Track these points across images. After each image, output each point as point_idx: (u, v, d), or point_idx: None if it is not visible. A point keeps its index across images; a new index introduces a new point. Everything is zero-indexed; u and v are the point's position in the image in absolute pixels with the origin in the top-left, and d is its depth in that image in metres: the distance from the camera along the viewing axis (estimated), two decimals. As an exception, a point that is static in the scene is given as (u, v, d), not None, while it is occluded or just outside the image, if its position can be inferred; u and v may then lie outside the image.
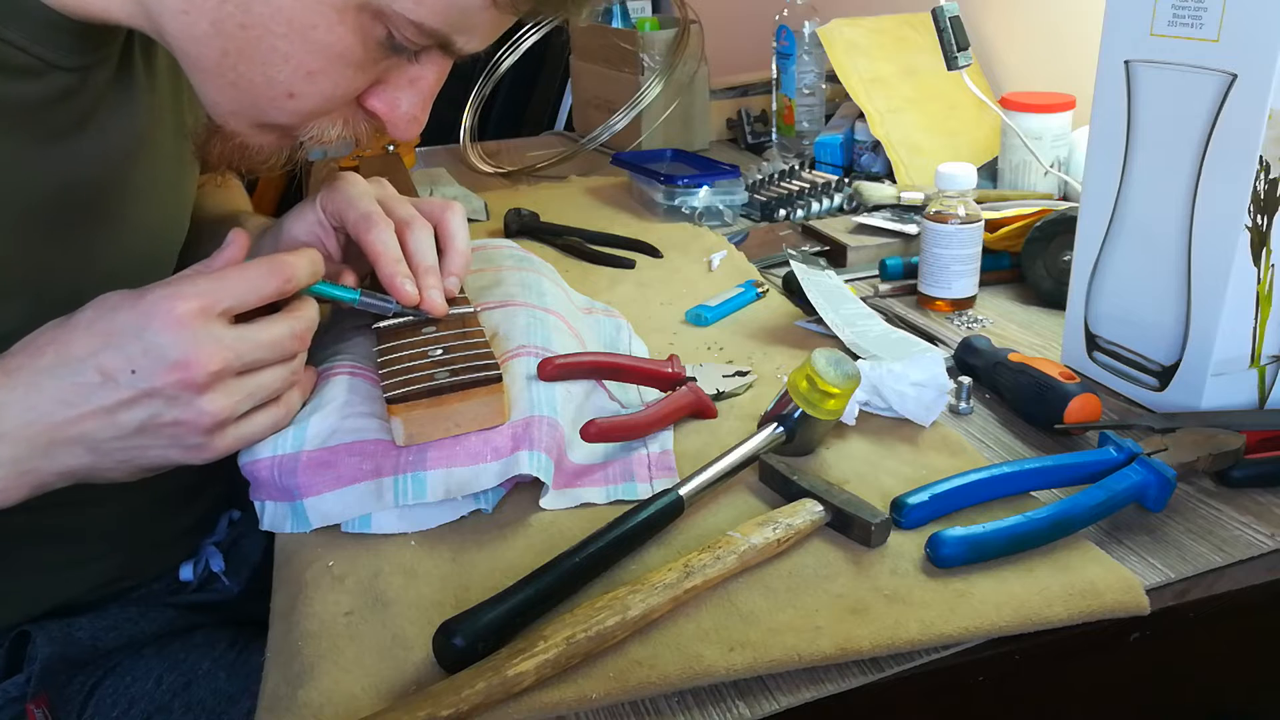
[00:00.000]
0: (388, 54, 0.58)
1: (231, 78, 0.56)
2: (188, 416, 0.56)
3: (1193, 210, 0.69)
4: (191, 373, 0.54)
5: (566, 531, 0.61)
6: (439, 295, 0.69)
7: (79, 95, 0.63)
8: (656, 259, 1.09)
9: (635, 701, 0.50)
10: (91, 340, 0.55)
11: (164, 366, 0.54)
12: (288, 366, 0.60)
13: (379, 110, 0.61)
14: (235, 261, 0.60)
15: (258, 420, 0.60)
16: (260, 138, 0.61)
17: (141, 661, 0.76)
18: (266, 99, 0.57)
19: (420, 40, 0.56)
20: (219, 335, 0.55)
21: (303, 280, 0.60)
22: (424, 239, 0.70)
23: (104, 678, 0.75)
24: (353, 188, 0.70)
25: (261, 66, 0.56)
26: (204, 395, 0.55)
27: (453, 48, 0.58)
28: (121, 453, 0.56)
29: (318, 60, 0.55)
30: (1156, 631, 0.56)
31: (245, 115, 0.59)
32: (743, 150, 1.62)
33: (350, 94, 0.59)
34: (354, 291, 0.67)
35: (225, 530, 0.89)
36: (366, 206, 0.69)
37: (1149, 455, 0.62)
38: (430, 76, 0.60)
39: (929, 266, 0.94)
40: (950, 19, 1.10)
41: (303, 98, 0.57)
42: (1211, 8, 0.65)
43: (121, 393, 0.54)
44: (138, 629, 0.78)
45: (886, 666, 0.52)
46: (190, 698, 0.75)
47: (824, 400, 0.65)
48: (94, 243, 0.68)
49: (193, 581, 0.85)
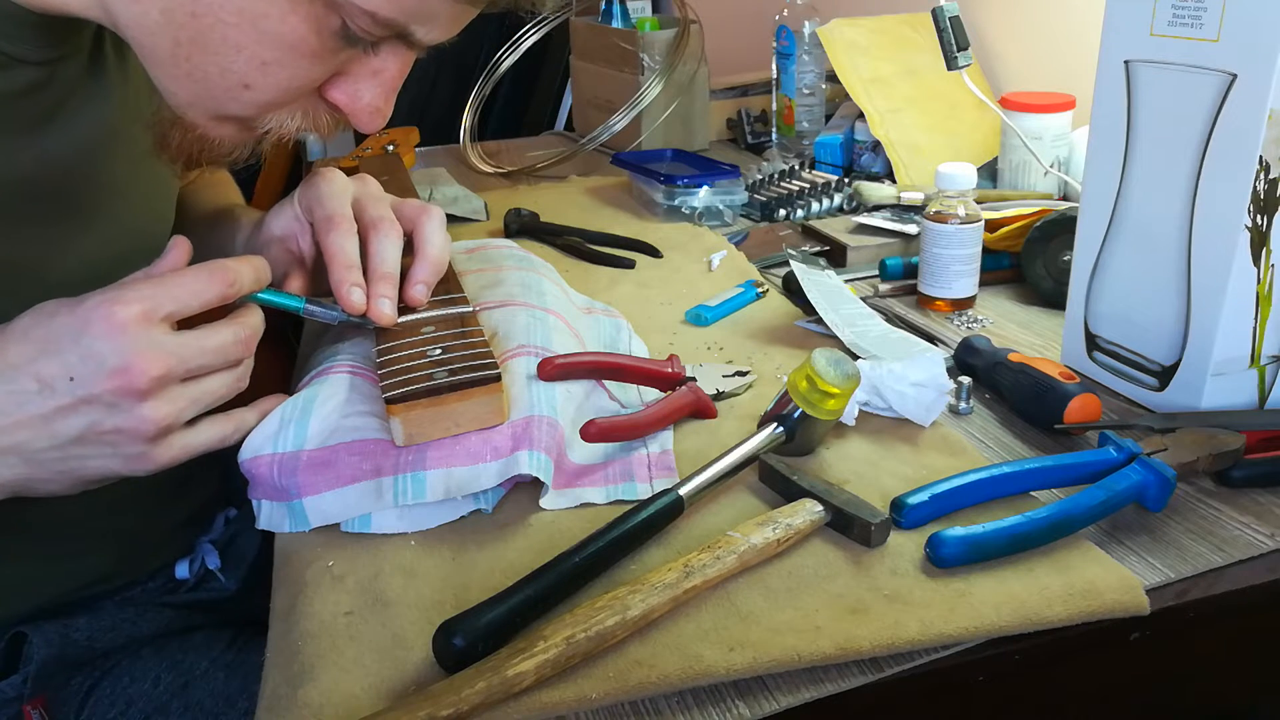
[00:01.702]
0: (344, 45, 0.56)
1: (186, 68, 0.55)
2: (129, 424, 0.54)
3: (1193, 210, 0.69)
4: (132, 379, 0.53)
5: (566, 531, 0.61)
6: (389, 305, 0.67)
7: (46, 89, 0.63)
8: (656, 259, 1.09)
9: (635, 701, 0.50)
10: (27, 347, 0.54)
11: (103, 373, 0.53)
12: (233, 373, 0.59)
13: (340, 102, 0.60)
14: (178, 267, 0.59)
15: (204, 430, 0.58)
16: (219, 129, 0.60)
17: (139, 662, 0.75)
18: (222, 90, 0.56)
19: (376, 30, 0.55)
20: (160, 341, 0.54)
21: (246, 286, 0.59)
22: (388, 244, 0.69)
23: (101, 679, 0.74)
24: (328, 185, 0.69)
25: (215, 57, 0.55)
26: (146, 402, 0.54)
27: (412, 39, 0.57)
28: (59, 463, 0.55)
29: (271, 51, 0.54)
30: (1156, 631, 0.56)
31: (202, 107, 0.58)
32: (743, 150, 1.62)
33: (308, 85, 0.58)
34: (300, 299, 0.65)
35: (221, 528, 0.89)
36: (333, 207, 0.68)
37: (1149, 455, 0.62)
38: (392, 68, 0.59)
39: (929, 266, 0.94)
40: (950, 19, 1.10)
41: (259, 89, 0.56)
42: (1211, 8, 0.65)
43: (59, 400, 0.53)
44: (135, 629, 0.78)
45: (886, 666, 0.52)
46: (189, 698, 0.75)
47: (824, 400, 0.65)
48: (65, 236, 0.67)
49: (189, 579, 0.85)
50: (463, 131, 1.58)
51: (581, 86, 1.70)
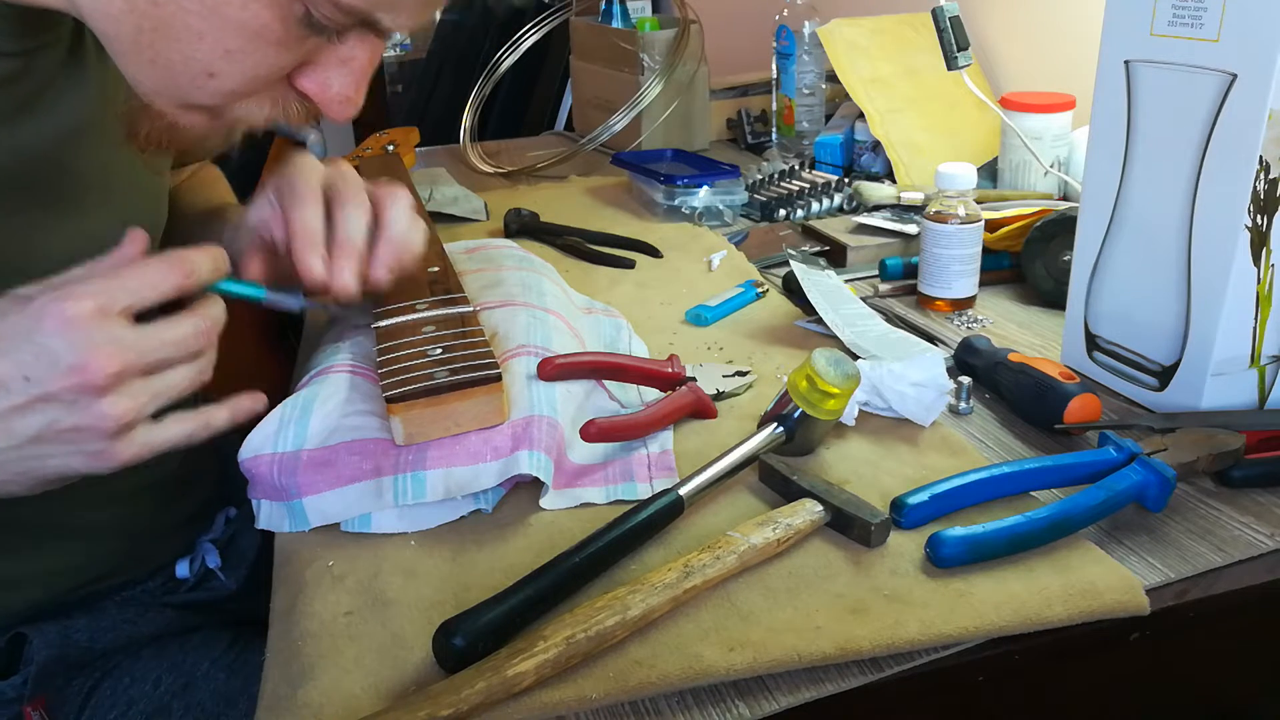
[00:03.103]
0: (309, 33, 0.55)
1: (150, 55, 0.55)
2: (87, 421, 0.53)
3: (1193, 210, 0.69)
4: (89, 375, 0.51)
5: (566, 531, 0.61)
6: (350, 276, 0.66)
7: (24, 79, 0.62)
8: (656, 259, 1.09)
9: (635, 701, 0.50)
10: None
11: (59, 371, 0.51)
12: (194, 365, 0.57)
13: (310, 91, 0.59)
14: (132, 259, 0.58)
15: (169, 427, 0.56)
16: (187, 118, 0.59)
17: (140, 663, 0.75)
18: (186, 78, 0.55)
19: (340, 18, 0.54)
20: (117, 335, 0.52)
21: (204, 275, 0.57)
22: (353, 218, 0.68)
23: (102, 680, 0.74)
24: (296, 167, 0.69)
25: (177, 44, 0.54)
26: (104, 398, 0.52)
27: (379, 26, 0.56)
28: (17, 463, 0.54)
29: (235, 38, 0.54)
30: (1156, 631, 0.56)
31: (168, 95, 0.57)
32: (743, 150, 1.62)
33: (275, 74, 0.57)
34: (260, 288, 0.64)
35: (222, 527, 0.89)
36: (300, 186, 0.68)
37: (1149, 455, 0.62)
38: (361, 57, 0.58)
39: (929, 266, 0.94)
40: (950, 19, 1.10)
41: (223, 77, 0.55)
42: (1211, 8, 0.65)
43: (14, 399, 0.52)
44: (136, 630, 0.77)
45: (886, 666, 0.52)
46: (189, 699, 0.75)
47: (824, 400, 0.65)
48: (43, 228, 0.67)
49: (189, 579, 0.85)
50: (463, 131, 1.58)
51: (581, 86, 1.70)
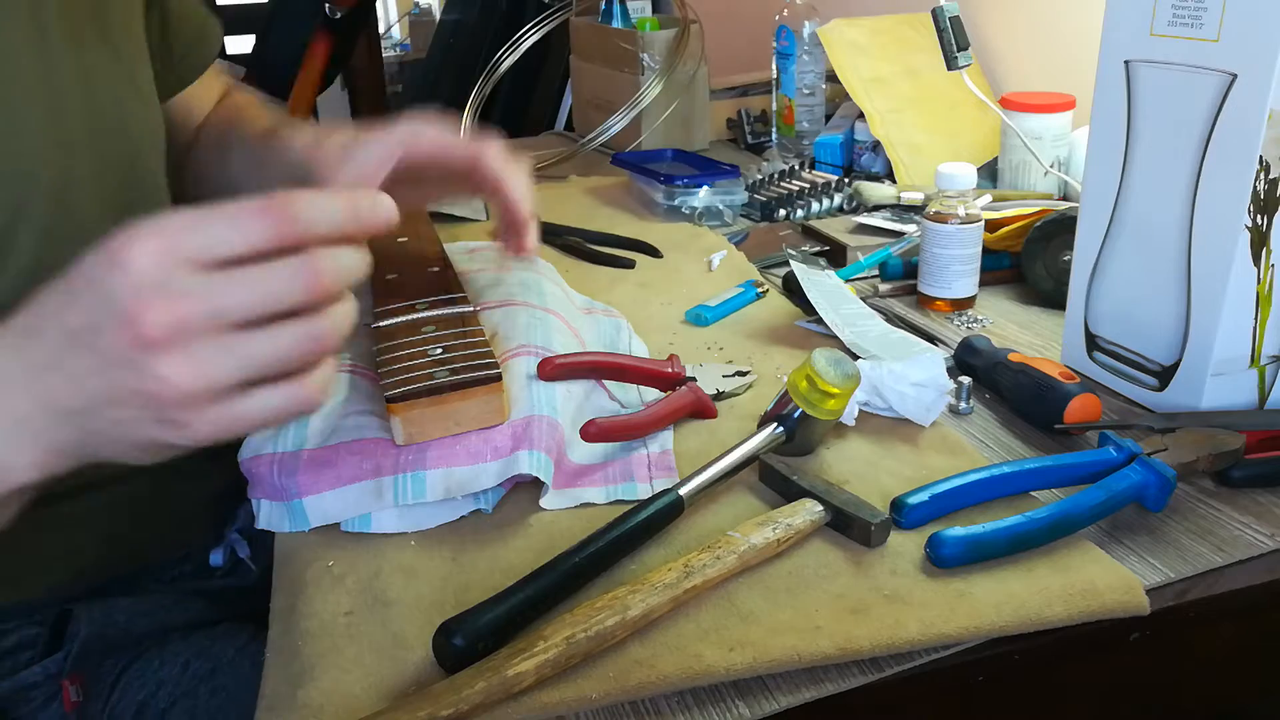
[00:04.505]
0: None
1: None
2: (144, 385, 0.44)
3: (1193, 210, 0.69)
4: (138, 329, 0.43)
5: (566, 531, 0.61)
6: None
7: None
8: (656, 259, 1.09)
9: (635, 701, 0.50)
10: (58, 296, 0.47)
11: (114, 320, 0.44)
12: (300, 327, 0.45)
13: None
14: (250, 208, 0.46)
15: (262, 399, 0.46)
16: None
17: (169, 647, 0.77)
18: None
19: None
20: (180, 282, 0.43)
21: (319, 226, 0.45)
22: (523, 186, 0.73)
23: (132, 661, 0.76)
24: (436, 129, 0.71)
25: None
26: (159, 359, 0.43)
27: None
28: (108, 428, 0.47)
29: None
30: (1156, 631, 0.56)
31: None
32: (743, 150, 1.61)
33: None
34: None
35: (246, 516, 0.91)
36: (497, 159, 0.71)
37: (1149, 455, 0.62)
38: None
39: (929, 266, 0.94)
40: (950, 19, 1.10)
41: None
42: (1211, 8, 0.65)
43: (83, 353, 0.45)
44: (169, 616, 0.79)
45: (886, 666, 0.52)
46: (215, 683, 0.76)
47: (824, 400, 0.65)
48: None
49: (222, 566, 0.86)
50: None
51: (581, 86, 1.70)
